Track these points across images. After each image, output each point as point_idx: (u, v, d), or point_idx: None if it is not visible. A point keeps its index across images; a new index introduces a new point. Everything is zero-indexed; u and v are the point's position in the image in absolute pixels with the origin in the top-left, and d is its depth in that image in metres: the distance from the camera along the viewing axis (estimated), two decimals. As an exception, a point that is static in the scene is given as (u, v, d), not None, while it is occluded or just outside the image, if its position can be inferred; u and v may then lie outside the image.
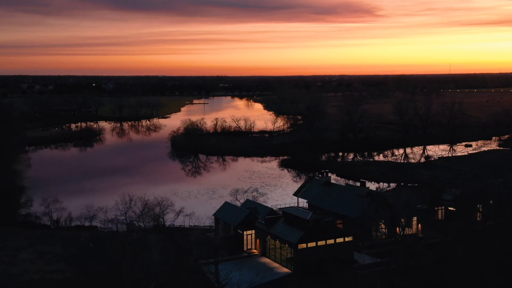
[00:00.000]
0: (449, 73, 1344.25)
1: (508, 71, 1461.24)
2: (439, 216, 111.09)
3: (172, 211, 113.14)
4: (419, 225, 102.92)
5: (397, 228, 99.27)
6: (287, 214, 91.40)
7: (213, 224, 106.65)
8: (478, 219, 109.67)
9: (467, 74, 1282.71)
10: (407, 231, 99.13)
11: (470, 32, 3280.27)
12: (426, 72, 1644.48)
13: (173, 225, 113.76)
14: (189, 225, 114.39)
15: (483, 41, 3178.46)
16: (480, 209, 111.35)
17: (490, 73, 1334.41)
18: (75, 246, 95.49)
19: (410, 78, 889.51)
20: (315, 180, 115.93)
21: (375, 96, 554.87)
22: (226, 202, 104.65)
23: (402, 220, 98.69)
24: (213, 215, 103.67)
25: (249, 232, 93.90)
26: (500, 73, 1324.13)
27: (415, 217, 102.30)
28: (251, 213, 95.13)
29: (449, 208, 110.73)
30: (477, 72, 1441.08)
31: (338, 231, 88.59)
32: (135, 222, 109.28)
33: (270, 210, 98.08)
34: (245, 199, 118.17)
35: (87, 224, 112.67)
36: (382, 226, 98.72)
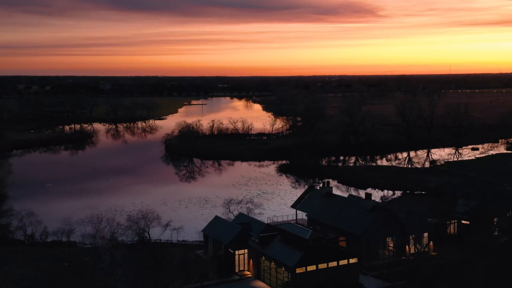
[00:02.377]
0: (449, 73, 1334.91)
1: (509, 71, 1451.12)
2: (452, 231, 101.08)
3: (159, 224, 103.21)
4: (431, 242, 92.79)
5: (407, 246, 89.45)
6: (284, 231, 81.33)
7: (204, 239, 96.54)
8: (494, 233, 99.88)
9: (468, 74, 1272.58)
10: (418, 247, 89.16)
11: (472, 32, 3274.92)
12: (426, 72, 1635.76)
13: (160, 240, 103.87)
14: (177, 240, 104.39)
15: (484, 41, 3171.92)
16: (496, 223, 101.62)
17: (491, 73, 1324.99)
18: (47, 267, 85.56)
19: (410, 79, 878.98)
20: (315, 191, 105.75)
21: (375, 97, 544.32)
22: (216, 217, 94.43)
23: (412, 236, 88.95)
24: (202, 231, 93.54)
25: (241, 251, 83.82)
26: (501, 73, 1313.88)
27: (426, 233, 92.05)
28: (244, 230, 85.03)
29: (463, 221, 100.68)
30: (477, 72, 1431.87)
31: (341, 252, 78.45)
32: (118, 238, 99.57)
33: (266, 226, 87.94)
34: (239, 211, 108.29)
35: (64, 239, 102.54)
36: (390, 244, 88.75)
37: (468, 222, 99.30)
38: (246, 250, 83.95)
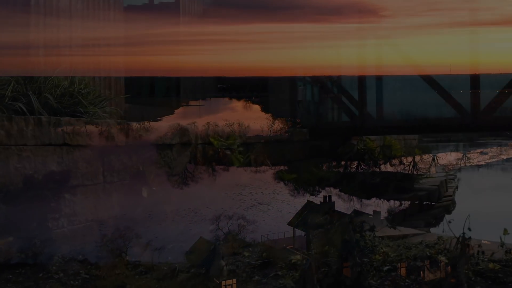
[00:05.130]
0: (449, 73, 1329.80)
1: (509, 71, 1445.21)
2: (470, 251, 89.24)
3: (138, 244, 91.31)
4: (449, 267, 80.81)
5: (421, 273, 77.49)
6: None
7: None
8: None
9: (469, 74, 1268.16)
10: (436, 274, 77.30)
11: (473, 33, 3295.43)
12: (426, 72, 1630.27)
13: (139, 261, 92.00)
14: (159, 263, 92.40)
15: (485, 41, 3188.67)
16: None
17: (492, 74, 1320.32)
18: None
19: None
20: (315, 207, 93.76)
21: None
22: (201, 238, 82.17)
23: (427, 261, 77.06)
24: (185, 255, 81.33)
25: (228, 282, 71.63)
26: (501, 74, 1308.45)
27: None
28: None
29: (483, 241, 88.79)
30: (477, 73, 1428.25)
31: None
32: (90, 260, 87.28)
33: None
34: (229, 228, 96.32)
35: (30, 261, 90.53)
36: (403, 270, 76.77)
37: (488, 242, 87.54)
38: (234, 280, 71.89)
